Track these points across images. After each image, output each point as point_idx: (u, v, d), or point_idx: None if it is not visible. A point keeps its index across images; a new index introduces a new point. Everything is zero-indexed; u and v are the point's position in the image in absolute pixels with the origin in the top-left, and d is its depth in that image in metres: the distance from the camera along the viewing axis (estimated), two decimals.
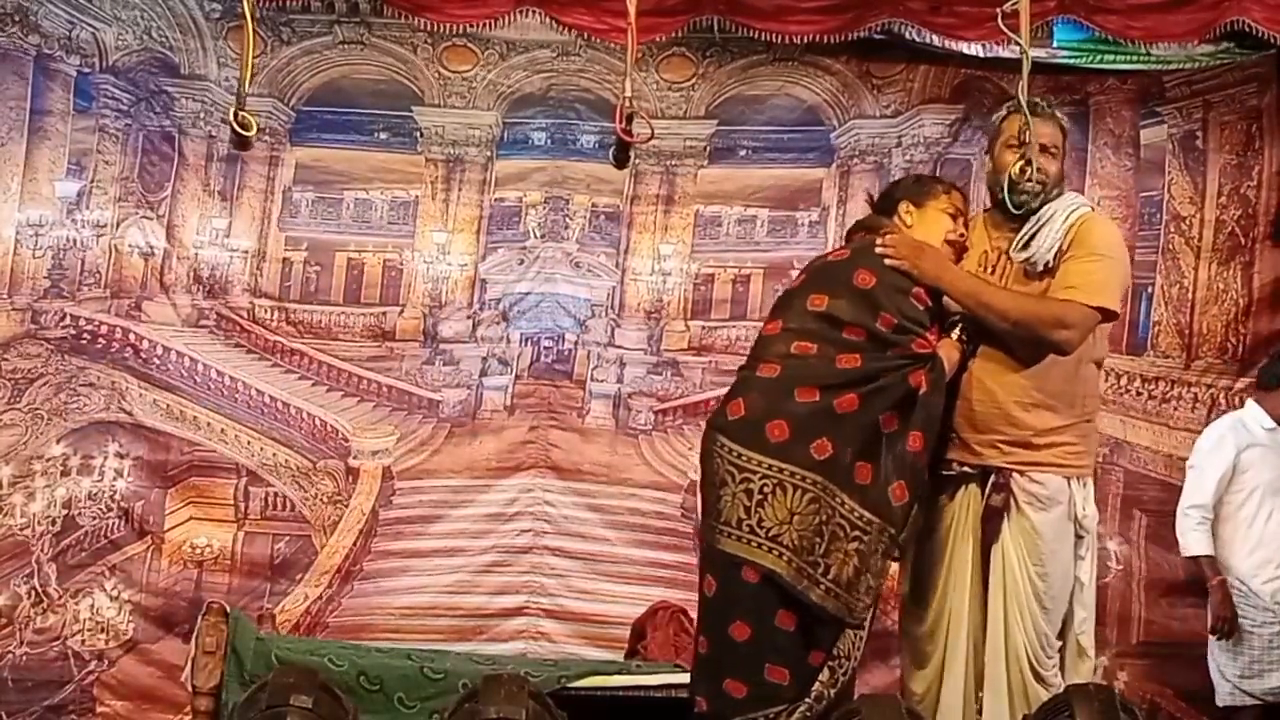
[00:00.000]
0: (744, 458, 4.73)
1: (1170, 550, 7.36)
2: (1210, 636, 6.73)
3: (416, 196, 7.75)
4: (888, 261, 4.84)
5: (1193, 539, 6.69)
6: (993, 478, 4.91)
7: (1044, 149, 5.04)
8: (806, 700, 4.77)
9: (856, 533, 4.70)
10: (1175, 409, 7.44)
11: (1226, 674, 6.68)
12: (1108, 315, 4.85)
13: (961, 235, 5.10)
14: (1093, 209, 5.15)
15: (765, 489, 4.69)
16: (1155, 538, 7.41)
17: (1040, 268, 4.92)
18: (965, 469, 4.94)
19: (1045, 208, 4.98)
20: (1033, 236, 4.96)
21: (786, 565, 4.69)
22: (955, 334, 4.92)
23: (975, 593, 4.96)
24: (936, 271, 4.85)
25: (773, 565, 4.70)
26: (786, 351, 4.83)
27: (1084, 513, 4.88)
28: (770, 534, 4.68)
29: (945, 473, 4.95)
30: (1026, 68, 5.78)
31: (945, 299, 4.94)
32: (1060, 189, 5.07)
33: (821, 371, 4.76)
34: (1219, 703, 6.75)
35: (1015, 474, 4.87)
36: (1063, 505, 4.86)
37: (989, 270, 5.04)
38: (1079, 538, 4.89)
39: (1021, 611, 4.86)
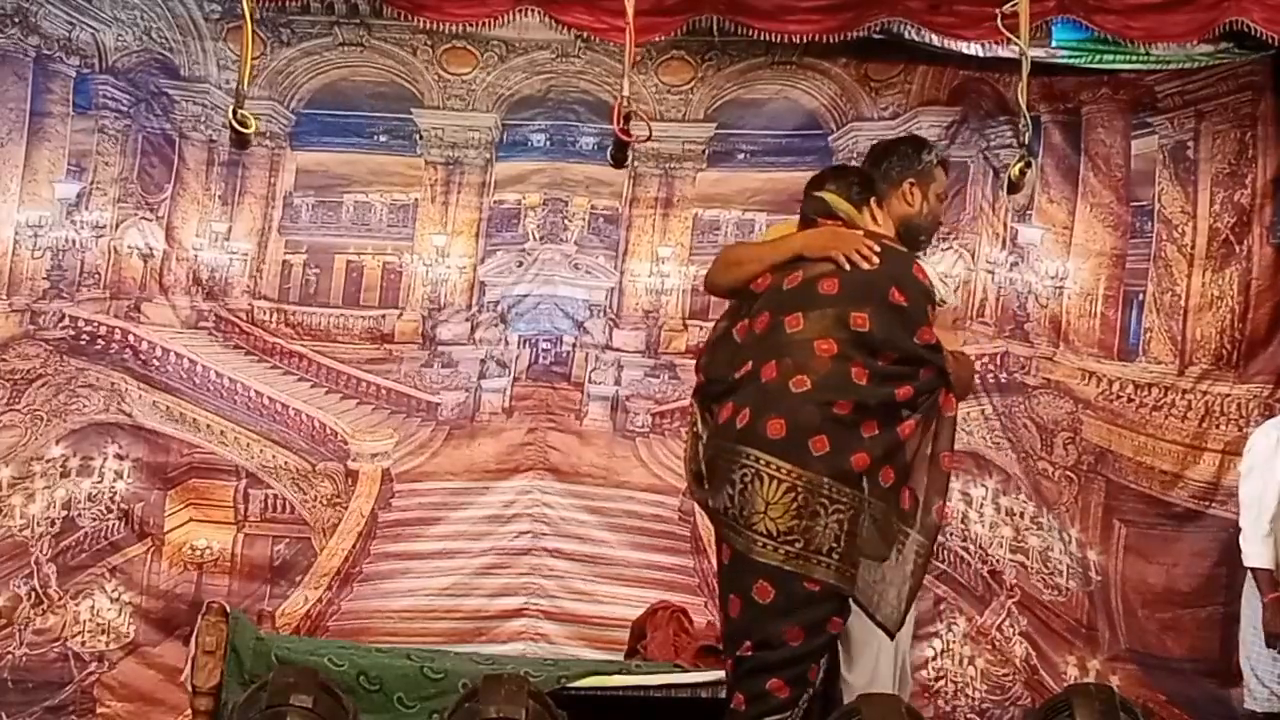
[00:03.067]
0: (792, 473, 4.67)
1: (1150, 561, 7.38)
2: (1249, 643, 6.57)
3: (416, 199, 7.75)
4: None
5: (1254, 550, 6.45)
6: None
7: (940, 198, 5.24)
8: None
9: (909, 554, 4.71)
10: (1167, 416, 7.45)
11: (1265, 679, 6.58)
12: None
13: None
14: None
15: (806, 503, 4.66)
16: (1134, 549, 7.44)
17: None
18: None
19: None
20: None
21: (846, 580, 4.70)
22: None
23: None
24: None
25: (836, 580, 4.69)
26: (813, 361, 4.77)
27: None
28: (825, 550, 4.66)
29: None
30: (1026, 68, 5.82)
31: None
32: None
33: (862, 390, 4.72)
34: (1252, 708, 6.60)
35: None
36: None
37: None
38: None
39: None
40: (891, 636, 4.82)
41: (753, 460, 4.70)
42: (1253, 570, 6.52)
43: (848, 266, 4.82)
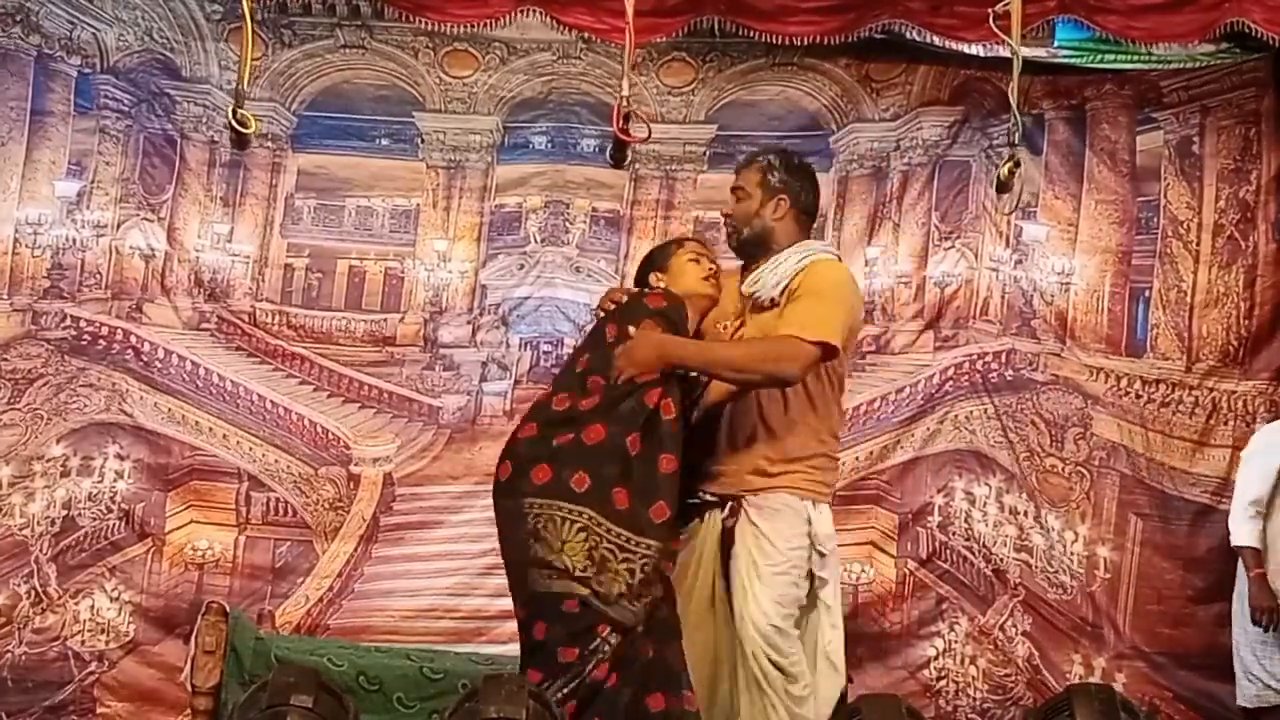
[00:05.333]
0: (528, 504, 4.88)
1: (1165, 556, 7.37)
2: (1237, 638, 6.72)
3: (418, 204, 7.76)
4: (622, 379, 4.92)
5: (1241, 530, 6.68)
6: (729, 504, 5.04)
7: (734, 189, 5.27)
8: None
9: (625, 554, 4.81)
10: (1175, 413, 7.43)
11: (1254, 672, 6.64)
12: (828, 351, 4.88)
13: (713, 267, 5.24)
14: (833, 256, 5.23)
15: (539, 525, 4.85)
16: (1150, 544, 7.43)
17: (766, 302, 5.09)
18: (708, 497, 5.08)
19: (782, 253, 5.11)
20: (763, 274, 5.12)
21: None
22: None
23: (723, 611, 5.07)
24: (668, 360, 4.93)
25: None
26: (547, 407, 5.08)
27: (820, 532, 4.97)
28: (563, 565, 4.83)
29: (691, 501, 5.06)
30: (1017, 68, 5.84)
31: None
32: (779, 240, 5.17)
33: (571, 414, 4.95)
34: (1242, 703, 6.71)
35: (749, 496, 4.99)
36: (791, 513, 4.96)
37: (739, 327, 5.22)
38: (820, 555, 4.97)
39: (747, 594, 4.93)
40: (625, 631, 4.84)
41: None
42: (1239, 549, 6.68)
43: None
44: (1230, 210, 7.43)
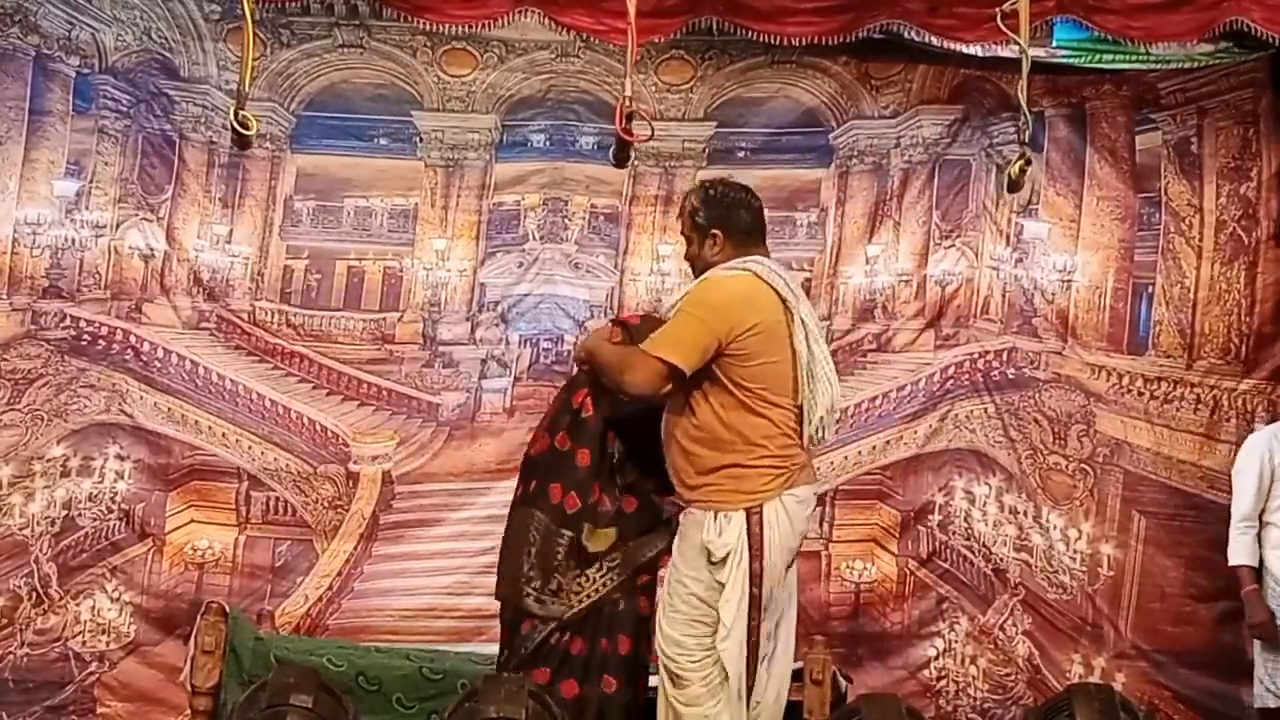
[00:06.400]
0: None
1: (1170, 554, 7.37)
2: (1256, 641, 6.69)
3: (416, 204, 7.76)
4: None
5: (1234, 548, 6.67)
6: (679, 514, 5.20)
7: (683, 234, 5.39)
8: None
9: (554, 545, 5.24)
10: (1178, 410, 7.42)
11: (1262, 679, 6.62)
12: (671, 368, 4.96)
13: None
14: (734, 273, 5.17)
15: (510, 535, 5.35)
16: (1154, 541, 7.42)
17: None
18: (670, 507, 5.30)
19: None
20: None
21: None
22: None
23: None
24: (587, 353, 5.35)
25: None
26: None
27: (714, 540, 4.98)
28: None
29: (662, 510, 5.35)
30: (1026, 67, 5.81)
31: None
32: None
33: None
34: (1256, 705, 6.68)
35: (684, 509, 5.14)
36: (696, 528, 5.03)
37: None
38: (713, 563, 4.99)
39: (663, 602, 5.11)
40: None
41: None
42: (1234, 569, 6.66)
43: None
44: (1232, 206, 7.42)
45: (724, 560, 4.95)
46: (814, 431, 5.00)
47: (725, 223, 5.19)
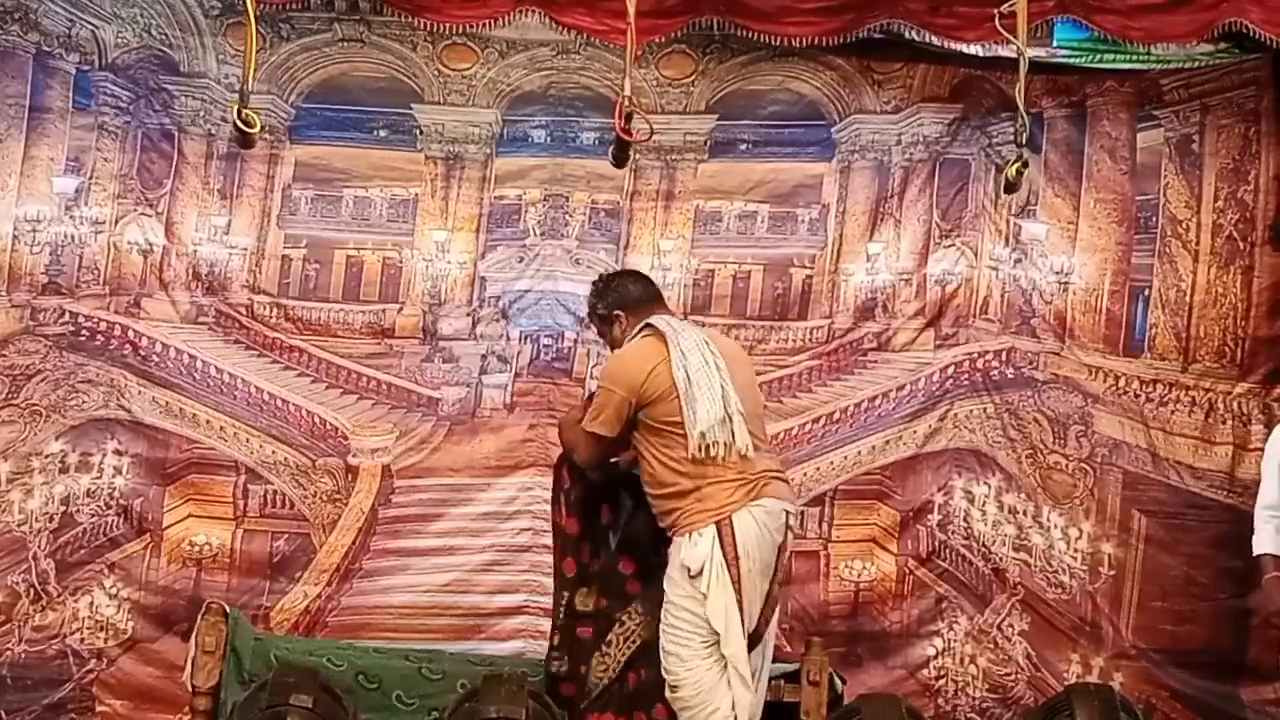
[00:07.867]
0: None
1: (1170, 552, 7.37)
2: None
3: (416, 194, 7.73)
4: None
5: (1259, 537, 6.51)
6: None
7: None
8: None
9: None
10: (1173, 412, 7.43)
11: None
12: (603, 439, 5.59)
13: None
14: (632, 341, 5.74)
15: None
16: (1154, 540, 7.42)
17: None
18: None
19: None
20: None
21: None
22: None
23: None
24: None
25: None
26: None
27: (688, 555, 5.37)
28: None
29: None
30: (1024, 68, 5.82)
31: None
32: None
33: None
34: None
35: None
36: (677, 553, 5.43)
37: None
38: (694, 577, 5.35)
39: (662, 634, 5.48)
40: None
41: None
42: (1257, 558, 6.57)
43: None
44: (1229, 210, 7.42)
45: (701, 571, 5.31)
46: (696, 449, 5.37)
47: (620, 302, 5.81)
